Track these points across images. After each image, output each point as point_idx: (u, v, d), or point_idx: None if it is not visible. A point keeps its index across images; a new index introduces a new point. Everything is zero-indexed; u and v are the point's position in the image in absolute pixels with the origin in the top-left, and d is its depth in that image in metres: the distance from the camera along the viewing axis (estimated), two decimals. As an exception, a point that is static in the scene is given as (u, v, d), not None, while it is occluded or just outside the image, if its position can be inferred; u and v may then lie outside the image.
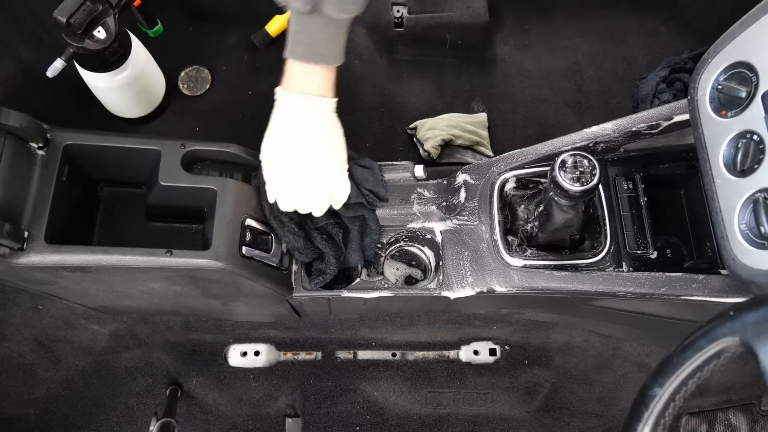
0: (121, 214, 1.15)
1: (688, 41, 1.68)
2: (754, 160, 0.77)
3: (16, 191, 0.93)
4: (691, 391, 0.55)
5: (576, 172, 0.84)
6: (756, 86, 0.78)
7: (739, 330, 0.54)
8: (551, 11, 1.74)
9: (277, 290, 1.06)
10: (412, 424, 1.44)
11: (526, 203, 1.02)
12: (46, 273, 0.99)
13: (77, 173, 1.04)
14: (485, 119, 1.57)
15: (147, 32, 1.60)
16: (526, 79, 1.66)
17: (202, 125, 1.57)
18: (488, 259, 1.02)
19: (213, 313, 1.36)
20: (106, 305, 1.32)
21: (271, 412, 1.44)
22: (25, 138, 0.94)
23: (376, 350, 1.47)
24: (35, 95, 1.41)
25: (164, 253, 0.95)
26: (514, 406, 1.45)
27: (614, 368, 1.46)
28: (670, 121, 0.97)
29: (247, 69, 1.63)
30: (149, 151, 1.02)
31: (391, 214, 1.11)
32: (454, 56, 1.67)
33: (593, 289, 0.97)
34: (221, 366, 1.45)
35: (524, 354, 1.47)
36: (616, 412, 1.45)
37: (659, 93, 1.52)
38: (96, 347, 1.43)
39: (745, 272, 0.77)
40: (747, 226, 0.77)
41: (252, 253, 1.00)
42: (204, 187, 1.00)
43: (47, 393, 1.41)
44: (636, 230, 1.02)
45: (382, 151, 1.56)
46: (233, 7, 1.69)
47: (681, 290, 0.93)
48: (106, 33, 1.20)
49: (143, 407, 1.43)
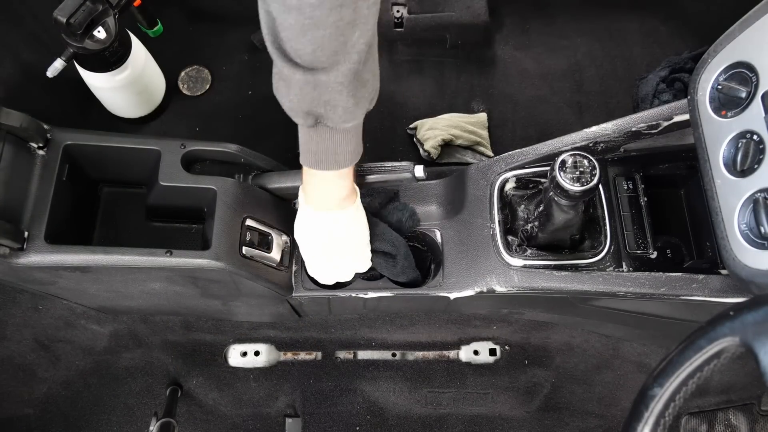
0: (121, 214, 1.15)
1: (688, 41, 1.68)
2: (754, 160, 0.77)
3: (16, 191, 0.93)
4: (691, 391, 0.55)
5: (576, 172, 0.84)
6: (756, 86, 0.78)
7: (739, 330, 0.54)
8: (551, 11, 1.74)
9: (277, 290, 1.06)
10: (412, 424, 1.44)
11: (526, 203, 1.02)
12: (46, 273, 0.99)
13: (77, 173, 1.04)
14: (485, 119, 1.57)
15: (147, 32, 1.60)
16: (526, 79, 1.66)
17: (202, 125, 1.57)
18: (488, 259, 1.02)
19: (213, 313, 1.36)
20: (106, 305, 1.32)
21: (271, 412, 1.44)
22: (25, 138, 0.94)
23: (376, 350, 1.47)
24: (35, 95, 1.41)
25: (164, 253, 0.95)
26: (514, 406, 1.45)
27: (614, 368, 1.46)
28: (670, 121, 0.97)
29: (247, 69, 1.63)
30: (149, 151, 1.02)
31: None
32: (454, 56, 1.67)
33: (593, 289, 0.97)
34: (221, 366, 1.45)
35: (524, 354, 1.47)
36: (616, 412, 1.45)
37: (659, 93, 1.52)
38: (96, 347, 1.43)
39: (745, 272, 0.77)
40: (747, 226, 0.77)
41: (252, 253, 1.00)
42: (204, 187, 1.00)
43: (47, 393, 1.41)
44: (636, 230, 1.02)
45: (382, 151, 1.56)
46: (233, 7, 1.69)
47: (681, 290, 0.93)
48: (106, 33, 1.20)
49: (143, 407, 1.43)
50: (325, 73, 0.65)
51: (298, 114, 0.72)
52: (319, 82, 0.66)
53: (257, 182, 1.07)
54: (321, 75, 0.66)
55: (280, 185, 1.07)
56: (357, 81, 0.68)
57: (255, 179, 1.07)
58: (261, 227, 1.03)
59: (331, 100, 0.69)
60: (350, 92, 0.68)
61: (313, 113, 0.71)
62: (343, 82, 0.66)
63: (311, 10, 0.60)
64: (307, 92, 0.68)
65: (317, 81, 0.66)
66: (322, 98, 0.68)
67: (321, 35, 0.62)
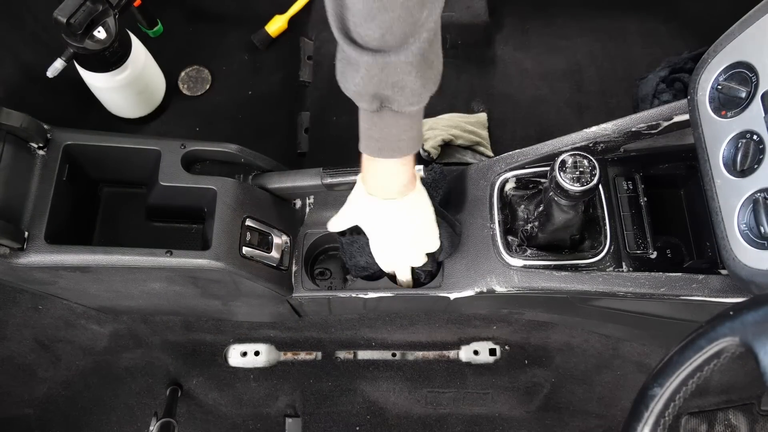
0: (121, 214, 1.15)
1: (688, 41, 1.68)
2: (753, 160, 0.77)
3: (16, 191, 0.93)
4: (691, 391, 0.55)
5: (576, 172, 0.84)
6: (756, 86, 0.78)
7: (739, 330, 0.54)
8: (551, 11, 1.74)
9: (277, 290, 1.06)
10: (412, 424, 1.44)
11: (526, 203, 1.02)
12: (46, 273, 0.99)
13: (77, 173, 1.04)
14: (485, 119, 1.57)
15: (147, 32, 1.60)
16: (526, 79, 1.66)
17: (202, 125, 1.57)
18: (488, 259, 1.02)
19: (213, 313, 1.36)
20: (106, 305, 1.32)
21: (271, 412, 1.44)
22: (25, 138, 0.94)
23: (376, 350, 1.47)
24: (35, 95, 1.41)
25: (164, 253, 0.95)
26: (514, 406, 1.45)
27: (614, 368, 1.46)
28: (670, 121, 0.97)
29: (247, 69, 1.63)
30: (149, 151, 1.02)
31: None
32: (454, 56, 1.67)
33: (593, 289, 0.97)
34: (221, 366, 1.45)
35: (524, 354, 1.47)
36: (616, 412, 1.45)
37: (659, 93, 1.52)
38: (96, 347, 1.43)
39: (744, 272, 0.77)
40: (747, 226, 0.77)
41: (252, 253, 1.00)
42: (204, 187, 1.00)
43: (47, 393, 1.41)
44: (636, 230, 1.02)
45: (382, 151, 1.56)
46: (233, 7, 1.69)
47: (681, 290, 0.93)
48: (106, 33, 1.20)
49: (143, 407, 1.42)
50: (395, 54, 0.64)
51: (364, 98, 0.70)
52: (388, 64, 0.65)
53: (257, 182, 1.07)
54: (390, 56, 0.64)
55: (280, 185, 1.07)
56: (425, 62, 0.67)
57: (255, 179, 1.07)
58: (261, 227, 1.03)
59: (399, 82, 0.67)
60: (419, 73, 0.67)
61: (380, 96, 0.69)
62: (413, 62, 0.65)
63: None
64: (374, 74, 0.66)
65: (386, 62, 0.65)
66: (390, 80, 0.67)
67: (390, 17, 0.61)
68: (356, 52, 0.64)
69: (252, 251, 1.00)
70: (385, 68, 0.65)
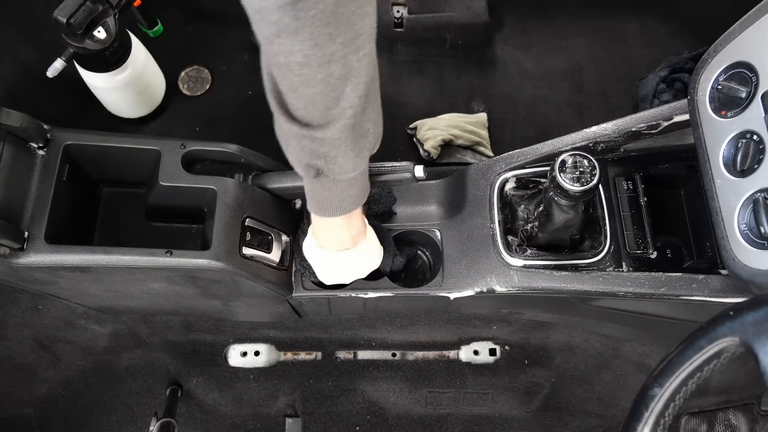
0: (121, 214, 1.15)
1: (688, 41, 1.68)
2: (753, 160, 0.77)
3: (16, 191, 0.93)
4: (691, 391, 0.55)
5: (576, 172, 0.84)
6: (756, 86, 0.78)
7: (739, 330, 0.54)
8: (551, 11, 1.74)
9: (277, 290, 1.06)
10: (412, 424, 1.44)
11: (526, 203, 1.02)
12: (46, 273, 0.99)
13: (77, 173, 1.04)
14: (485, 119, 1.57)
15: (147, 32, 1.60)
16: (526, 79, 1.66)
17: (202, 125, 1.57)
18: (488, 259, 1.02)
19: (213, 313, 1.36)
20: (106, 305, 1.32)
21: (271, 412, 1.44)
22: (25, 138, 0.94)
23: (376, 350, 1.47)
24: (35, 95, 1.41)
25: (164, 253, 0.95)
26: (514, 406, 1.45)
27: (614, 368, 1.46)
28: (670, 121, 0.97)
29: (247, 69, 1.63)
30: (149, 151, 1.02)
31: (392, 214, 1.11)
32: (454, 56, 1.67)
33: (593, 289, 0.97)
34: (221, 366, 1.45)
35: (524, 354, 1.47)
36: (616, 412, 1.45)
37: (659, 93, 1.52)
38: (96, 347, 1.43)
39: (745, 272, 0.77)
40: (747, 226, 0.77)
41: (252, 253, 1.00)
42: (204, 187, 1.00)
43: (47, 393, 1.41)
44: (636, 230, 1.02)
45: (382, 151, 1.54)
46: (233, 7, 1.67)
47: (681, 290, 0.93)
48: (106, 33, 1.20)
49: (143, 407, 1.42)
50: (321, 130, 0.64)
51: (299, 166, 0.71)
52: (315, 138, 0.65)
53: (257, 182, 1.07)
54: (317, 132, 0.64)
55: (280, 185, 1.07)
56: (356, 133, 0.66)
57: (255, 179, 1.07)
58: (261, 227, 1.03)
59: (328, 153, 0.67)
60: (348, 145, 0.67)
61: (314, 166, 0.70)
62: (340, 137, 0.65)
63: (299, 68, 0.58)
64: (305, 145, 0.66)
65: (313, 136, 0.65)
66: (320, 151, 0.67)
67: (311, 92, 0.61)
68: (288, 123, 0.65)
69: (252, 251, 1.00)
70: (314, 141, 0.65)
